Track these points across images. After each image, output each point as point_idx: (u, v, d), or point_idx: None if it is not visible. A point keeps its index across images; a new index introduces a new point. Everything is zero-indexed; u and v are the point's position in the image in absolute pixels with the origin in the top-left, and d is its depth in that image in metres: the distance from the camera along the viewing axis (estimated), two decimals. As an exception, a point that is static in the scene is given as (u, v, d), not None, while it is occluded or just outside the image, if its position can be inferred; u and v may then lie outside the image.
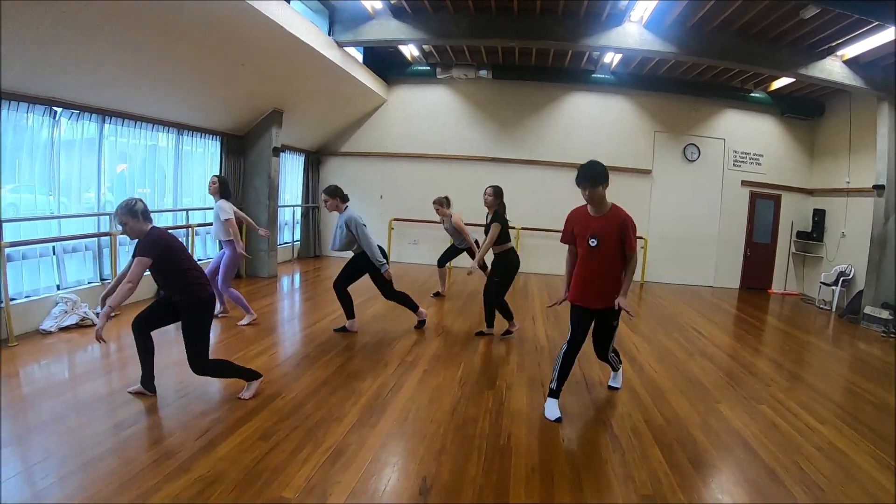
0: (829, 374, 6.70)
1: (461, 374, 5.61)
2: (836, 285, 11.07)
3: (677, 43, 9.19)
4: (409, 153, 13.21)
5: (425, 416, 4.56)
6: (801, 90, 12.11)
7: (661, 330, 8.07)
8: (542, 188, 12.72)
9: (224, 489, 3.25)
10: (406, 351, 6.27)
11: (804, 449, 4.39)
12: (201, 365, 4.43)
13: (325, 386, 5.06)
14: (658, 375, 6.03)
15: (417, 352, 6.29)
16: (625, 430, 4.51)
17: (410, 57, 12.44)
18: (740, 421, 4.89)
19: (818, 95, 12.29)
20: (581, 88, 12.81)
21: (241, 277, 9.91)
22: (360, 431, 4.17)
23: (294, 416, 4.36)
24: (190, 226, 8.87)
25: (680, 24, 8.99)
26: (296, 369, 5.46)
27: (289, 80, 9.48)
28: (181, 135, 8.87)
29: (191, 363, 4.40)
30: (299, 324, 7.61)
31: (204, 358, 4.44)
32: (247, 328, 6.82)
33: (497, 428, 4.40)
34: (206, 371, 4.49)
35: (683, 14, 8.63)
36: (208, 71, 7.81)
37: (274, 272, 10.43)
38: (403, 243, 13.27)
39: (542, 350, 6.73)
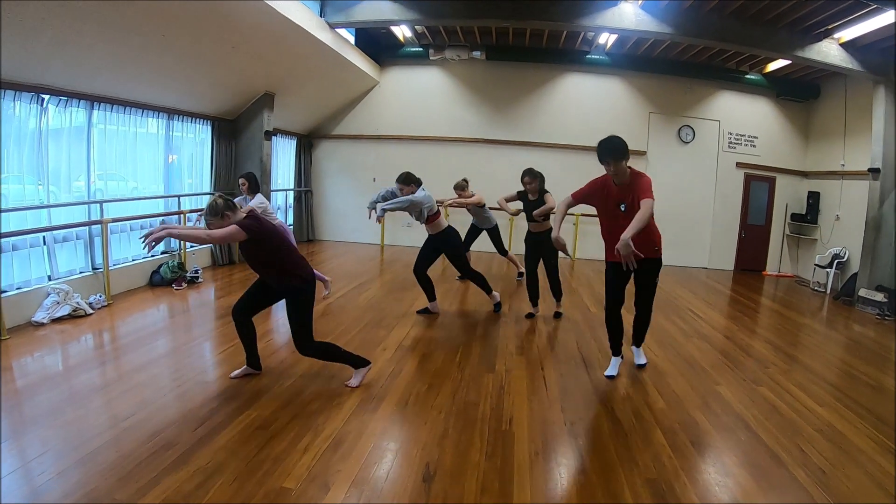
0: (825, 357, 6.69)
1: (460, 358, 5.57)
2: (831, 268, 11.07)
3: (673, 24, 9.09)
4: (402, 135, 13.10)
5: (425, 400, 4.53)
6: (797, 72, 12.04)
7: (659, 312, 8.00)
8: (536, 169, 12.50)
9: (224, 481, 3.21)
10: (403, 335, 6.22)
11: (805, 431, 4.38)
12: (306, 348, 4.50)
13: (324, 372, 5.00)
14: (657, 358, 6.01)
15: (415, 336, 6.25)
16: (626, 414, 4.48)
17: (403, 38, 12.27)
18: (741, 403, 4.87)
19: (814, 78, 12.22)
20: (575, 69, 12.71)
21: (234, 263, 9.86)
22: (360, 418, 4.13)
23: (293, 403, 4.32)
24: (182, 212, 8.75)
25: (677, 4, 8.90)
26: (293, 355, 5.34)
27: (280, 63, 9.34)
28: (171, 120, 8.74)
29: (296, 346, 4.50)
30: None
31: (307, 341, 4.48)
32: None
33: (499, 412, 4.37)
34: (310, 352, 4.55)
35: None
36: (198, 54, 7.69)
37: (267, 257, 10.28)
38: (397, 226, 13.21)
39: (541, 333, 6.72)
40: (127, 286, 7.60)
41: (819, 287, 11.38)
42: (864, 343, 7.53)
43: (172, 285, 7.92)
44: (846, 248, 11.07)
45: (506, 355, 5.76)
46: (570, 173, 12.32)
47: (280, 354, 5.48)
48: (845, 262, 11.03)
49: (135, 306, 6.99)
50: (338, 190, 13.37)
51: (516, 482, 3.40)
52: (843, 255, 11.08)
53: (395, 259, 11.36)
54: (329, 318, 6.76)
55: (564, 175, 12.36)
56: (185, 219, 8.68)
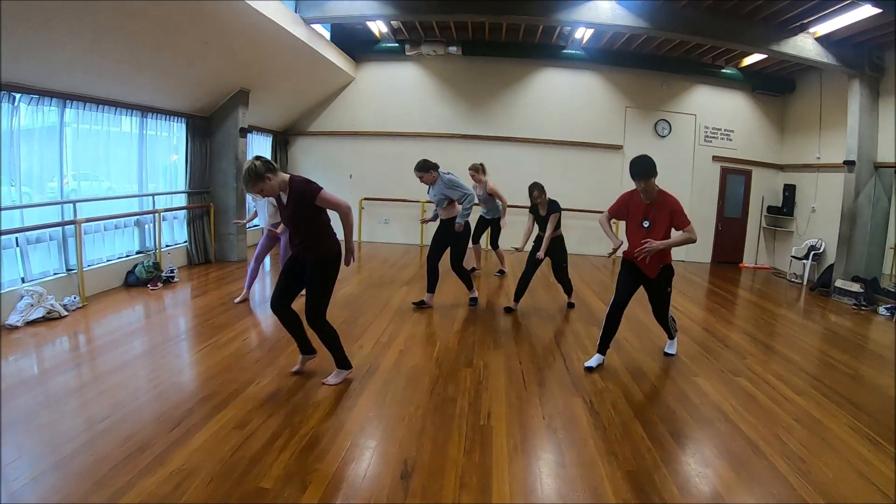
0: (803, 347, 6.71)
1: (437, 354, 5.53)
2: (807, 259, 11.16)
3: (649, 18, 9.10)
4: (379, 131, 12.99)
5: (403, 397, 4.48)
6: (773, 67, 12.10)
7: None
8: (513, 164, 12.57)
9: (200, 482, 3.15)
10: (381, 331, 6.16)
11: (783, 420, 4.39)
12: (315, 320, 4.49)
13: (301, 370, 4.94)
14: (635, 350, 6.01)
15: (392, 332, 6.18)
16: (605, 407, 4.46)
17: (379, 34, 12.17)
18: (719, 394, 4.87)
19: (789, 72, 12.29)
20: (552, 64, 12.67)
21: (210, 262, 9.74)
22: (337, 416, 4.08)
23: (269, 402, 4.25)
24: (157, 211, 8.62)
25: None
26: (269, 354, 5.33)
27: (254, 59, 9.20)
28: (145, 118, 8.58)
29: (307, 314, 4.48)
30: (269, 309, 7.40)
31: (319, 313, 4.50)
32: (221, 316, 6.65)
33: (477, 407, 4.33)
34: (317, 328, 4.53)
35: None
36: (171, 51, 7.52)
37: (243, 256, 10.17)
38: (374, 223, 13.14)
39: (519, 327, 6.68)
40: (102, 287, 7.44)
41: (796, 278, 11.46)
42: (840, 333, 7.58)
43: (148, 285, 7.77)
44: (822, 240, 11.17)
45: (483, 350, 5.72)
46: (547, 168, 12.41)
47: (256, 353, 5.39)
48: (821, 254, 11.12)
49: (110, 307, 6.85)
50: (314, 187, 13.17)
51: (495, 477, 3.36)
52: (819, 246, 11.17)
53: (373, 255, 11.27)
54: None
55: (541, 169, 12.45)
56: (160, 217, 8.57)
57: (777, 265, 12.98)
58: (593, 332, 6.53)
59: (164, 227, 8.96)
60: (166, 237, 9.14)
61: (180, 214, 9.44)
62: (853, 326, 7.96)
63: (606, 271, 10.79)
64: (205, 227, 9.77)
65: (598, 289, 8.92)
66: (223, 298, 7.38)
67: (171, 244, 9.27)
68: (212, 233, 9.85)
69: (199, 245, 9.67)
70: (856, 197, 9.84)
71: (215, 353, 5.20)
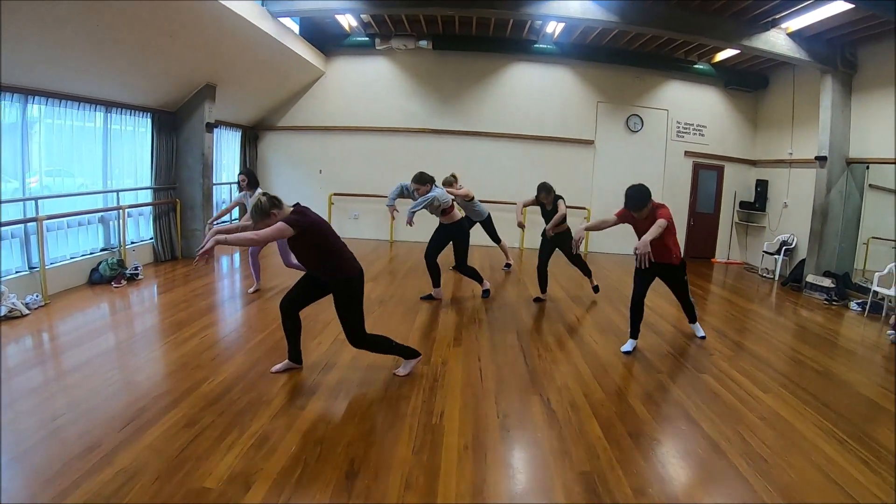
0: (772, 343, 6.61)
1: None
2: (779, 254, 11.19)
3: (619, 12, 8.98)
4: (349, 126, 12.79)
5: (356, 394, 4.35)
6: (745, 62, 12.07)
7: (605, 301, 7.95)
8: (484, 159, 12.50)
9: (146, 481, 3.07)
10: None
11: (747, 419, 4.28)
12: (357, 339, 4.44)
13: (256, 368, 4.80)
14: (599, 347, 5.88)
15: (352, 328, 6.01)
16: (563, 405, 4.32)
17: (349, 27, 11.95)
18: (682, 392, 4.76)
19: (762, 68, 12.28)
20: (523, 59, 12.54)
21: (177, 259, 9.53)
22: (288, 414, 3.96)
23: (221, 401, 4.11)
24: (121, 207, 8.39)
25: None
26: (226, 352, 5.20)
27: (221, 53, 8.98)
28: (109, 113, 8.34)
29: (348, 339, 4.45)
30: (235, 304, 7.22)
31: (358, 333, 4.42)
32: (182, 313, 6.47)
33: (430, 405, 4.20)
34: (363, 345, 4.49)
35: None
36: (135, 44, 7.29)
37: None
38: (344, 218, 12.92)
39: (481, 323, 6.53)
40: (65, 285, 7.24)
41: (767, 273, 11.48)
42: (810, 328, 7.52)
43: (112, 283, 7.58)
44: (794, 235, 11.17)
45: (444, 347, 5.58)
46: (518, 162, 12.32)
47: (214, 351, 5.23)
48: (793, 249, 11.13)
49: (73, 305, 6.65)
50: (284, 182, 12.95)
51: (442, 478, 3.24)
52: (790, 241, 11.18)
53: (341, 252, 11.08)
54: (265, 312, 6.51)
55: (513, 164, 12.39)
56: (124, 213, 8.37)
57: (749, 260, 12.99)
58: (556, 328, 6.50)
59: (129, 224, 8.76)
60: (132, 234, 8.93)
61: (146, 211, 9.23)
62: (824, 322, 7.91)
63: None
64: (171, 223, 9.57)
65: (566, 284, 8.78)
66: (186, 295, 7.22)
67: (137, 241, 9.05)
68: (178, 229, 9.65)
69: (166, 242, 9.47)
70: (827, 192, 9.82)
71: (173, 351, 5.12)
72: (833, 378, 5.46)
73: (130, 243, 8.72)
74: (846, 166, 9.83)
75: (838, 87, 9.72)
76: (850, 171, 9.81)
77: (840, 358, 6.21)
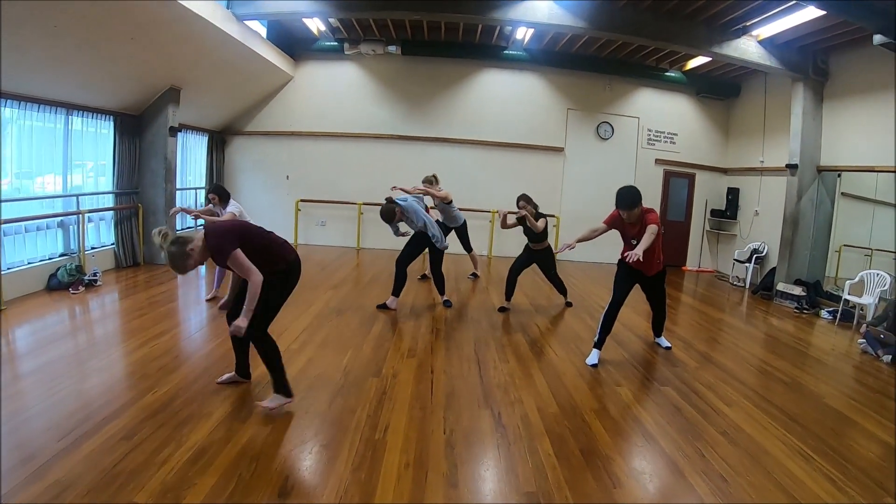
0: (739, 353, 6.46)
1: (347, 362, 5.16)
2: (750, 262, 11.13)
3: (588, 18, 8.84)
4: (317, 132, 12.57)
5: (300, 407, 4.14)
6: (717, 70, 12.06)
7: (569, 311, 7.78)
8: (452, 166, 12.22)
9: (77, 495, 2.96)
10: (293, 338, 5.76)
11: (707, 434, 4.10)
12: (254, 332, 4.05)
13: (201, 378, 4.60)
14: (558, 359, 5.68)
15: (305, 339, 5.78)
16: (514, 420, 4.12)
17: (317, 32, 11.77)
18: (641, 405, 4.58)
19: (734, 76, 12.27)
20: (493, 65, 12.42)
21: (139, 265, 9.28)
22: (227, 427, 3.77)
23: (162, 412, 3.93)
24: (81, 212, 8.15)
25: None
26: (174, 361, 4.97)
27: (184, 56, 8.77)
28: (70, 115, 8.10)
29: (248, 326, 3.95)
30: (190, 312, 7.01)
31: (259, 327, 4.06)
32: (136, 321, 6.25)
33: (375, 420, 3.99)
34: (255, 342, 4.12)
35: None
36: (94, 45, 7.07)
37: (174, 259, 9.67)
38: (311, 225, 12.69)
39: (439, 333, 6.32)
40: (22, 291, 7.05)
41: (738, 282, 11.44)
42: (780, 338, 7.38)
43: (70, 289, 7.38)
44: (765, 243, 11.14)
45: (396, 359, 5.35)
46: (487, 170, 12.19)
47: (162, 360, 5.00)
48: (764, 257, 11.09)
49: (29, 312, 6.42)
50: (251, 187, 12.70)
51: (378, 496, 3.08)
52: (761, 249, 11.14)
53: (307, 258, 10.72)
54: (219, 320, 6.23)
55: (482, 171, 12.26)
56: (83, 218, 8.13)
57: (720, 268, 12.94)
58: (516, 339, 6.29)
59: (90, 229, 8.55)
60: (92, 239, 8.70)
61: (107, 216, 9.00)
62: (793, 331, 7.80)
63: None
64: (133, 228, 9.33)
65: (532, 292, 8.61)
66: (143, 303, 7.01)
67: (98, 246, 8.83)
68: (140, 235, 9.40)
69: (128, 247, 9.23)
70: (798, 200, 9.76)
71: (122, 360, 4.97)
72: (801, 390, 5.31)
73: (91, 249, 8.51)
74: (817, 174, 9.77)
75: (810, 94, 9.68)
76: (821, 179, 9.75)
77: (809, 368, 6.06)
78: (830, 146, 9.70)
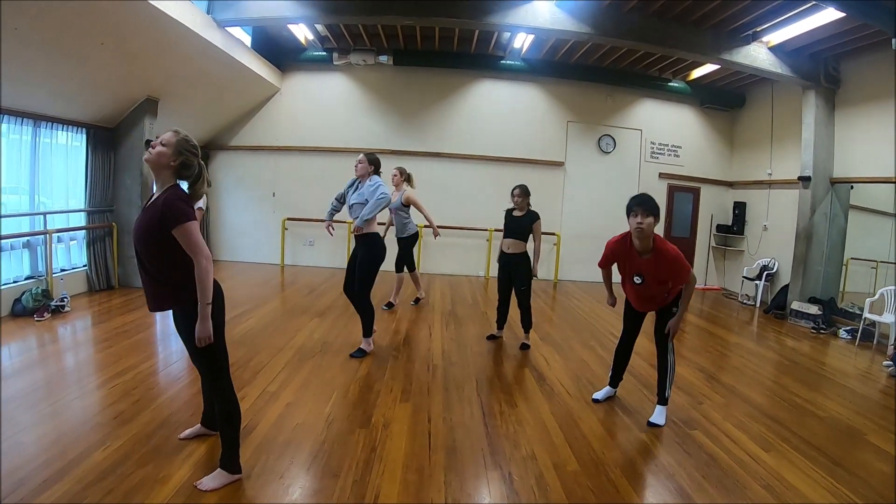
0: (764, 383, 5.94)
1: (331, 409, 4.51)
2: (760, 279, 10.84)
3: (592, 23, 8.46)
4: (305, 146, 12.13)
5: (273, 470, 3.48)
6: (722, 80, 11.77)
7: (576, 338, 7.23)
8: (446, 183, 11.93)
9: None
10: (271, 378, 5.11)
11: (750, 489, 3.56)
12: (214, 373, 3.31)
13: (161, 430, 3.94)
14: (571, 398, 5.10)
15: (284, 379, 5.13)
16: (528, 483, 3.50)
17: (305, 41, 11.35)
18: (671, 456, 3.98)
19: (739, 86, 12.03)
20: (489, 76, 12.05)
21: (113, 288, 8.72)
22: (185, 495, 3.13)
23: (111, 476, 3.28)
24: (48, 231, 7.63)
25: (595, 3, 8.32)
26: (134, 406, 4.31)
27: (161, 64, 8.29)
28: (38, 127, 7.61)
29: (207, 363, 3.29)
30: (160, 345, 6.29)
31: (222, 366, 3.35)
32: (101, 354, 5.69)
33: (362, 486, 3.34)
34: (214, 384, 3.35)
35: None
36: (62, 51, 6.60)
37: (150, 281, 9.12)
38: (298, 244, 12.24)
39: (436, 370, 5.68)
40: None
41: (748, 300, 11.12)
42: (801, 363, 6.90)
43: (34, 315, 6.84)
44: (775, 260, 10.83)
45: (388, 403, 4.70)
46: (483, 186, 11.79)
47: (119, 405, 4.34)
48: (774, 274, 10.78)
49: None
50: (234, 205, 12.25)
51: None
52: (772, 266, 10.83)
53: (293, 281, 10.29)
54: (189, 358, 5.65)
55: (477, 187, 11.88)
56: (50, 238, 7.60)
57: (728, 286, 12.65)
58: (524, 375, 5.68)
59: (59, 250, 8.06)
60: (62, 261, 8.20)
61: (79, 235, 8.47)
62: (815, 354, 7.37)
63: (547, 297, 10.08)
64: (107, 249, 8.81)
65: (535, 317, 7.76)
66: (110, 333, 6.37)
67: (69, 268, 8.31)
68: (115, 256, 8.87)
69: (101, 269, 8.70)
70: (812, 214, 9.39)
71: (75, 404, 4.33)
72: (838, 426, 4.81)
73: (60, 271, 8.03)
74: (830, 186, 9.40)
75: (821, 103, 9.37)
76: (834, 192, 9.41)
77: (839, 398, 5.58)
78: (842, 157, 9.37)
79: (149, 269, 3.08)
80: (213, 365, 3.25)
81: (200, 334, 3.02)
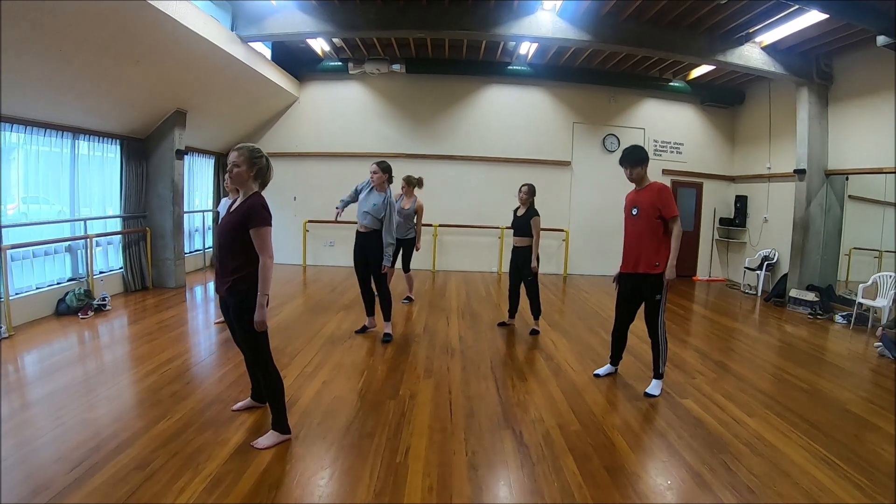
0: (756, 362, 6.42)
1: (362, 385, 5.10)
2: (761, 270, 11.12)
3: (592, 31, 8.92)
4: (323, 152, 12.62)
5: (317, 433, 4.06)
6: (721, 78, 12.09)
7: (583, 325, 7.73)
8: (459, 183, 12.39)
9: None
10: (307, 360, 5.71)
11: (732, 446, 4.05)
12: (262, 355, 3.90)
13: (215, 404, 4.51)
14: (575, 374, 5.64)
15: (319, 361, 5.73)
16: (536, 439, 4.07)
17: (321, 52, 11.85)
18: (663, 419, 4.52)
19: (738, 84, 12.31)
20: (497, 81, 12.47)
21: (147, 289, 9.25)
22: (244, 455, 3.67)
23: (175, 440, 3.83)
24: (88, 236, 8.14)
25: (594, 12, 8.74)
26: (186, 387, 4.88)
27: (190, 79, 8.79)
28: (77, 139, 8.11)
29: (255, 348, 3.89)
30: (200, 336, 6.92)
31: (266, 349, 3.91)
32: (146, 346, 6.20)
33: (395, 443, 3.92)
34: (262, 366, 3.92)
35: (597, 2, 8.40)
36: (100, 70, 7.07)
37: (182, 282, 9.70)
38: (319, 245, 12.73)
39: (454, 353, 6.26)
40: (31, 316, 7.02)
41: (750, 290, 11.40)
42: (796, 345, 7.34)
43: (79, 314, 7.35)
44: (775, 250, 11.13)
45: (412, 379, 5.30)
46: (494, 186, 12.16)
47: (174, 386, 4.92)
48: (775, 264, 11.08)
49: (38, 338, 6.39)
50: (258, 210, 12.70)
51: (402, 524, 2.99)
52: (772, 256, 11.13)
53: (316, 279, 10.82)
54: (230, 344, 6.17)
55: (489, 189, 12.23)
56: (91, 242, 8.12)
57: (731, 277, 12.93)
58: (533, 356, 6.25)
59: (98, 254, 8.53)
60: (100, 263, 8.68)
61: (115, 240, 8.99)
62: (809, 337, 7.76)
63: (557, 290, 10.57)
64: (141, 252, 9.32)
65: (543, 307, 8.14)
66: (153, 327, 6.94)
67: (107, 270, 8.80)
68: (149, 258, 9.39)
69: (136, 271, 9.21)
70: (807, 205, 9.75)
71: (132, 387, 4.86)
72: (821, 396, 5.28)
73: (99, 273, 8.49)
74: (825, 178, 9.75)
75: (814, 98, 9.70)
76: (829, 183, 9.73)
77: (827, 374, 6.03)
78: (837, 149, 9.70)
79: (224, 260, 3.74)
80: (259, 346, 3.85)
81: (258, 318, 3.66)
